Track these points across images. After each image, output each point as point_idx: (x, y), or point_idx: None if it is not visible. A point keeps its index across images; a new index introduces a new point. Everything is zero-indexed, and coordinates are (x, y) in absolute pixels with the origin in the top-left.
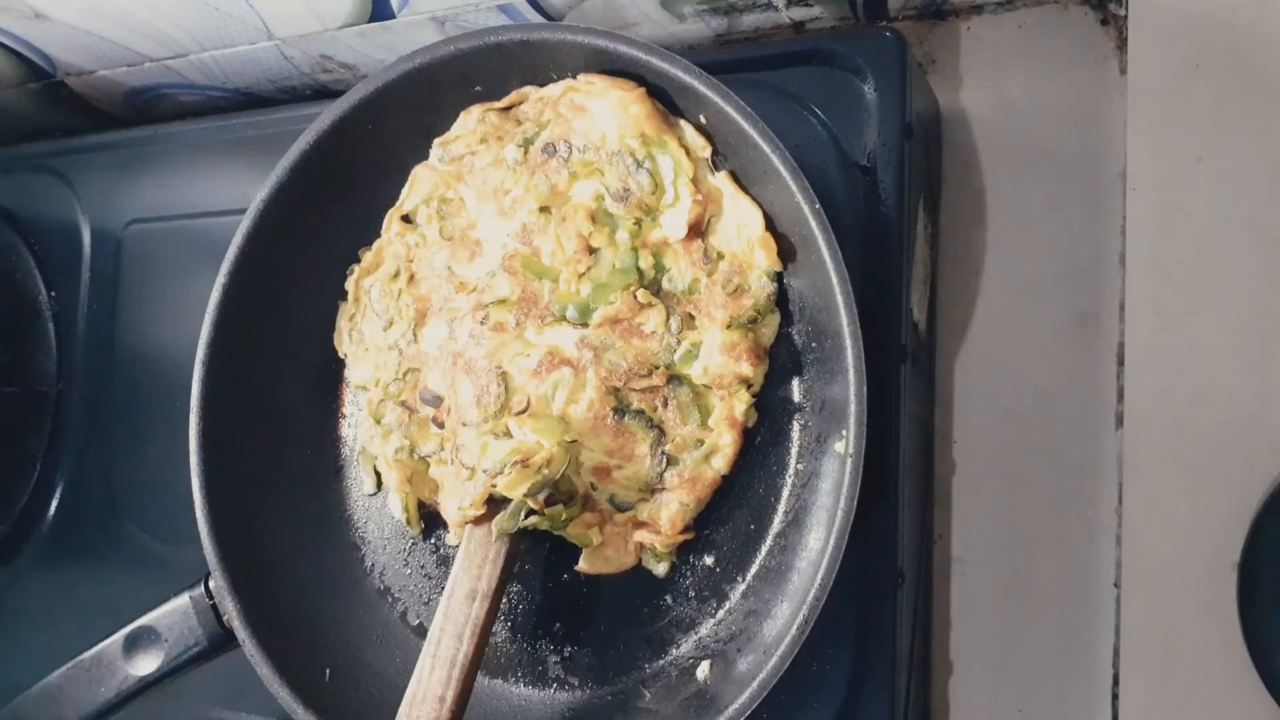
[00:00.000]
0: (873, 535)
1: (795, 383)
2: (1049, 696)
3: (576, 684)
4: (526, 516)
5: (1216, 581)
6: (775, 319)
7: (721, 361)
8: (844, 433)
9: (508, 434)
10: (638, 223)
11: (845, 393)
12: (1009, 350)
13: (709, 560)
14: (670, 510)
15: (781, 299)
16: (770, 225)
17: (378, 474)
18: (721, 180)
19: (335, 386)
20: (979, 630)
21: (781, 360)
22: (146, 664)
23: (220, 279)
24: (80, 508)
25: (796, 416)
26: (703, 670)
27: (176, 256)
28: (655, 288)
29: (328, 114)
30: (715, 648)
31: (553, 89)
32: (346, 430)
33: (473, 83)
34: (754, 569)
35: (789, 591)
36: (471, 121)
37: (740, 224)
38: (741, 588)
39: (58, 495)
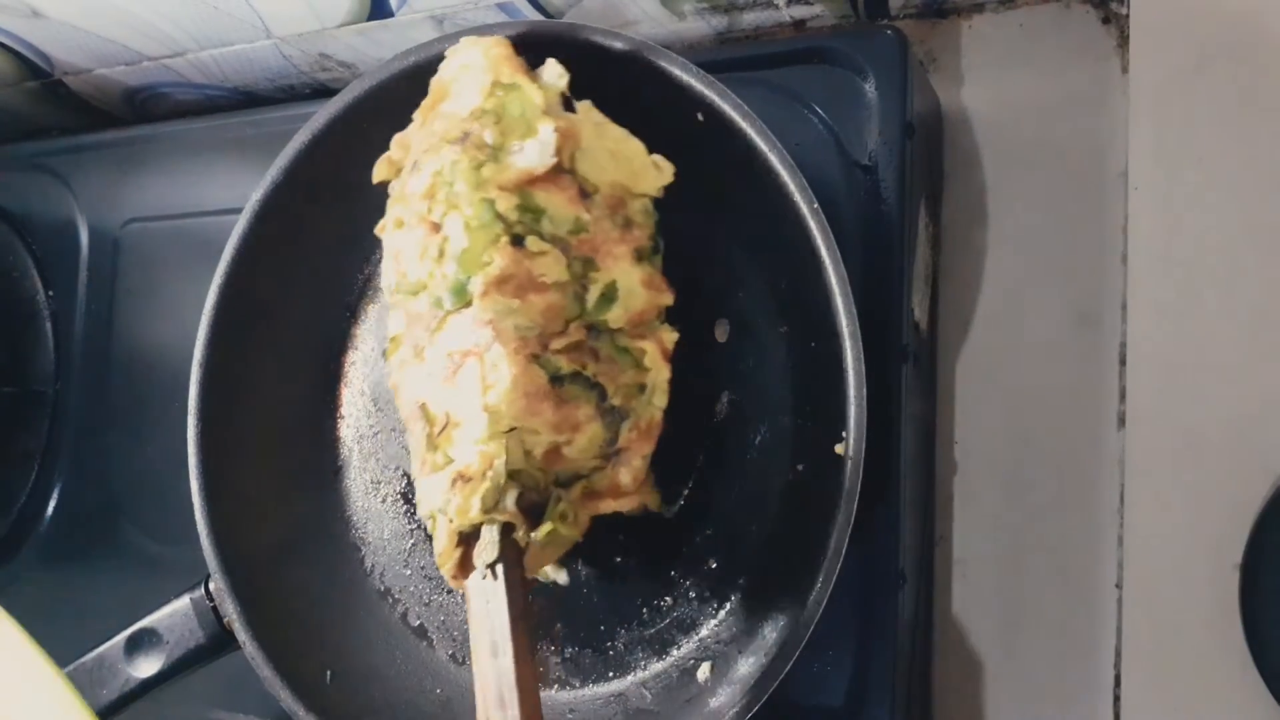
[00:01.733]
0: (873, 536)
1: (794, 383)
2: (1049, 697)
3: (577, 684)
4: (507, 535)
5: (1218, 582)
6: (661, 243)
7: (646, 296)
8: (844, 433)
9: (450, 461)
10: (478, 166)
11: (845, 393)
12: (1010, 350)
13: (709, 561)
14: (632, 467)
15: (780, 297)
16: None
17: None
18: (584, 109)
19: (334, 386)
20: (979, 630)
21: (781, 359)
22: (148, 666)
23: (217, 279)
24: (79, 508)
25: (796, 417)
26: (703, 671)
27: (175, 255)
28: (538, 236)
29: (322, 113)
30: (716, 649)
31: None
32: (345, 430)
33: None
34: (754, 569)
35: (789, 592)
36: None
37: (613, 151)
38: (742, 588)
39: (56, 495)
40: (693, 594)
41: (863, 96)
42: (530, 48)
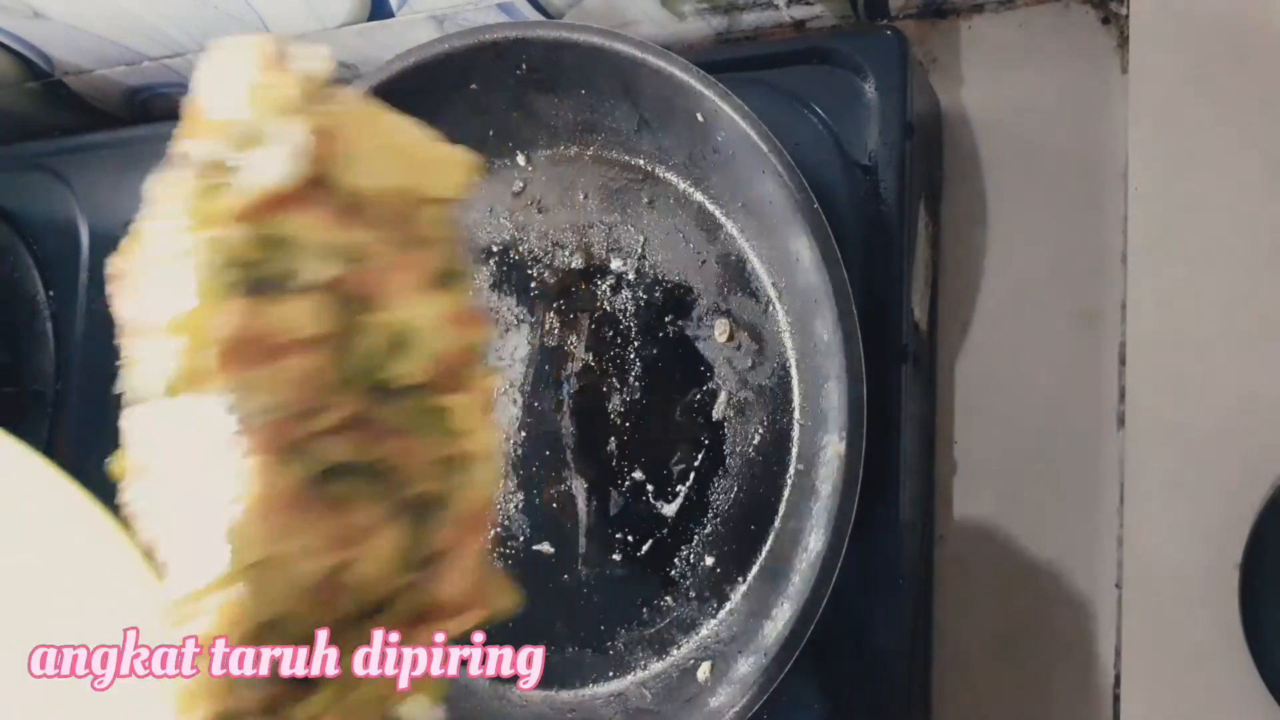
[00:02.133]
0: (873, 535)
1: (794, 383)
2: (1049, 698)
3: (577, 684)
4: None
5: (1218, 582)
6: (466, 264)
7: (452, 335)
8: (843, 433)
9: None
10: (202, 195)
11: (845, 393)
12: (1010, 350)
13: (709, 560)
14: (462, 572)
15: (780, 297)
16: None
17: None
18: (351, 99)
19: None
20: (979, 630)
21: (780, 360)
22: None
23: None
24: None
25: (795, 416)
26: (704, 671)
27: None
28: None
29: None
30: (716, 649)
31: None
32: None
33: (468, 81)
34: (754, 569)
35: (789, 592)
36: None
37: (390, 147)
38: (742, 589)
39: None
40: (693, 594)
41: (862, 96)
42: (529, 49)
